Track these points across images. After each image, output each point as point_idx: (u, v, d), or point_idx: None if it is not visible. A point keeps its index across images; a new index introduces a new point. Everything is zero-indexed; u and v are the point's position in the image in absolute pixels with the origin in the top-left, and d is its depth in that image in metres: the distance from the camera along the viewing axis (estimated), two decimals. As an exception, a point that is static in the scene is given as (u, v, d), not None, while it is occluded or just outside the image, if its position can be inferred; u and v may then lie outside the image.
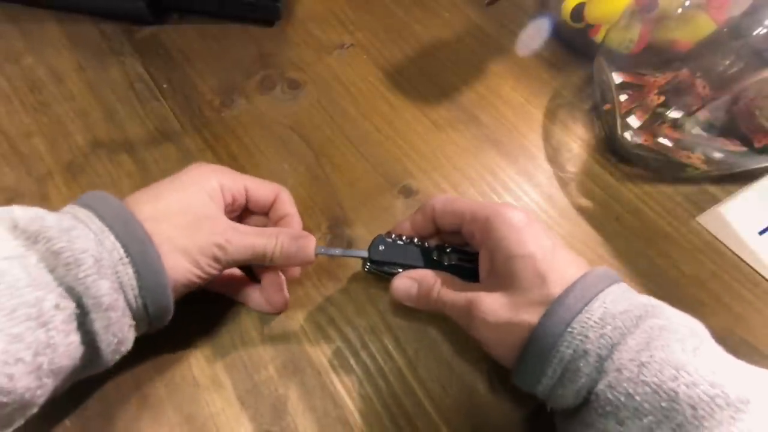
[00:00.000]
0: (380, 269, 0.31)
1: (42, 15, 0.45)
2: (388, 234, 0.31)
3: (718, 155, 0.36)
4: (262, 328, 0.31)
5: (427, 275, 0.29)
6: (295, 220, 0.31)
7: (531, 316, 0.23)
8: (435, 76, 0.44)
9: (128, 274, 0.22)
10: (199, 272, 0.25)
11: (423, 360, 0.31)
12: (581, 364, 0.22)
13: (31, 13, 0.45)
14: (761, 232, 0.36)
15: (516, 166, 0.39)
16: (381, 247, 0.30)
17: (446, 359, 0.31)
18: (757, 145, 0.35)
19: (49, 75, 0.41)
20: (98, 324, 0.21)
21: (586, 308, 0.22)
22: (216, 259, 0.26)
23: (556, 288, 0.23)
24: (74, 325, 0.21)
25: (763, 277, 0.35)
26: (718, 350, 0.21)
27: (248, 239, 0.27)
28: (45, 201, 0.35)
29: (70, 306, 0.21)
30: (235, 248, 0.26)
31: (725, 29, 0.35)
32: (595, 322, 0.22)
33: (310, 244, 0.28)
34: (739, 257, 0.35)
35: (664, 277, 0.34)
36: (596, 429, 0.21)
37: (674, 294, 0.34)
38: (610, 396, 0.21)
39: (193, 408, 0.29)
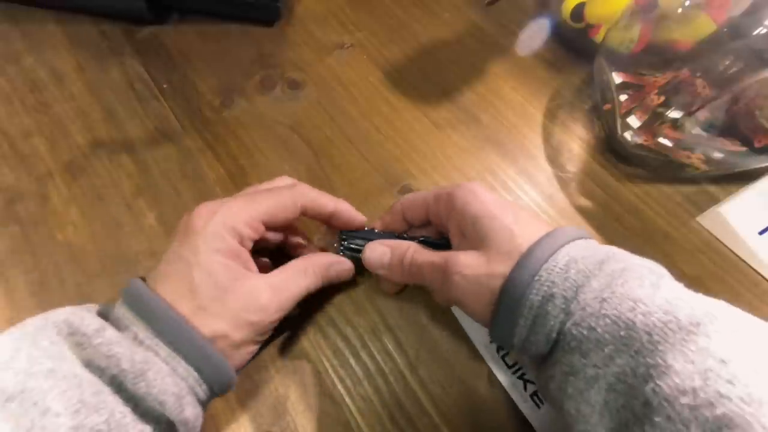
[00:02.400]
0: (354, 249, 0.31)
1: (42, 15, 0.45)
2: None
3: (718, 155, 0.36)
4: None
5: (399, 242, 0.30)
6: (343, 210, 0.31)
7: (503, 268, 0.24)
8: (435, 76, 0.44)
9: (204, 390, 0.23)
10: (258, 346, 0.27)
11: (423, 360, 0.31)
12: (549, 308, 0.22)
13: (31, 14, 0.45)
14: (761, 232, 0.36)
15: (516, 166, 0.39)
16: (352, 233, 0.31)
17: (446, 359, 0.31)
18: (757, 145, 0.35)
19: (49, 75, 0.41)
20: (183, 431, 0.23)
21: (551, 257, 0.23)
22: (271, 330, 0.27)
23: (524, 242, 0.24)
24: None
25: (763, 277, 0.35)
26: (675, 285, 0.22)
27: (293, 292, 0.27)
28: (45, 201, 0.35)
29: (161, 429, 0.22)
30: (285, 311, 0.27)
31: (725, 29, 0.35)
32: (560, 268, 0.23)
33: (346, 268, 0.30)
34: (739, 257, 0.35)
35: (664, 277, 0.34)
36: (563, 365, 0.22)
37: (674, 294, 0.34)
38: (575, 332, 0.22)
39: (193, 408, 0.29)
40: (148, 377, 0.21)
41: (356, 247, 0.31)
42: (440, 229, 0.30)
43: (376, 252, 0.30)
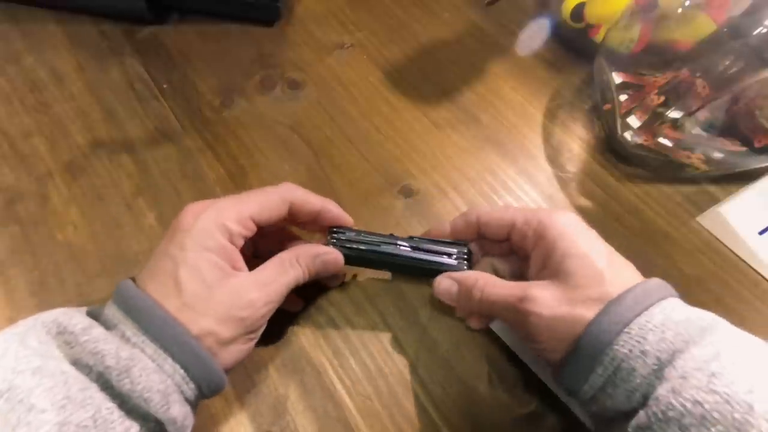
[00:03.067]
0: (344, 242, 0.30)
1: (42, 15, 0.45)
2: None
3: (718, 155, 0.36)
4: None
5: (467, 274, 0.29)
6: (330, 210, 0.30)
7: (587, 311, 0.23)
8: (435, 76, 0.44)
9: (192, 388, 0.23)
10: (252, 344, 0.26)
11: (423, 360, 0.31)
12: (637, 365, 0.21)
13: (31, 13, 0.45)
14: (761, 232, 0.36)
15: (516, 166, 0.39)
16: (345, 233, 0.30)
17: (446, 359, 0.31)
18: (757, 145, 0.35)
19: (49, 75, 0.41)
20: (173, 430, 0.22)
21: (645, 312, 0.22)
22: (263, 325, 0.26)
23: (613, 288, 0.23)
24: None
25: (763, 277, 0.35)
26: None
27: (282, 285, 0.26)
28: (45, 201, 0.35)
29: (149, 426, 0.22)
30: (275, 305, 0.26)
31: (725, 29, 0.35)
32: (654, 326, 0.22)
33: (333, 258, 0.29)
34: (739, 257, 0.35)
35: (664, 277, 0.34)
36: None
37: (674, 294, 0.34)
38: (673, 401, 0.20)
39: (193, 408, 0.29)
40: (132, 374, 0.21)
41: (345, 239, 0.30)
42: (519, 251, 0.29)
43: (443, 285, 0.29)
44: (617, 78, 0.39)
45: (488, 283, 0.27)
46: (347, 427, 0.29)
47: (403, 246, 0.30)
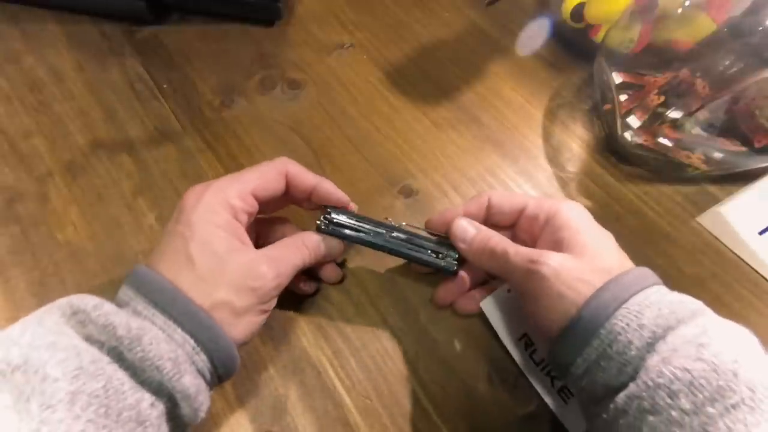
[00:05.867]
0: (336, 224, 0.30)
1: (42, 15, 0.45)
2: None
3: (718, 155, 0.36)
4: (262, 328, 0.31)
5: (486, 228, 0.30)
6: (325, 188, 0.30)
7: (595, 279, 0.24)
8: (435, 76, 0.44)
9: (203, 360, 0.23)
10: (264, 317, 0.27)
11: (423, 360, 0.31)
12: (633, 337, 0.22)
13: (31, 13, 0.45)
14: (761, 232, 0.36)
15: (516, 166, 0.39)
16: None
17: (446, 360, 0.31)
18: (757, 145, 0.35)
19: (49, 75, 0.41)
20: (187, 410, 0.23)
21: (641, 291, 0.23)
22: (274, 297, 0.27)
23: (620, 265, 0.25)
24: (166, 416, 0.22)
25: (763, 277, 0.35)
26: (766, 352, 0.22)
27: (290, 263, 0.27)
28: (45, 201, 0.35)
29: (162, 401, 0.22)
30: (285, 279, 0.27)
31: (725, 29, 0.35)
32: (651, 302, 0.23)
33: (335, 243, 0.30)
34: (739, 257, 0.35)
35: (664, 277, 0.34)
36: (644, 400, 0.21)
37: (674, 294, 0.34)
38: (663, 369, 0.21)
39: (193, 408, 0.29)
40: (143, 342, 0.21)
41: (338, 221, 0.30)
42: (522, 234, 0.30)
43: (462, 223, 0.30)
44: (617, 78, 0.39)
45: (504, 238, 0.28)
46: (347, 427, 0.29)
47: (395, 239, 0.30)
